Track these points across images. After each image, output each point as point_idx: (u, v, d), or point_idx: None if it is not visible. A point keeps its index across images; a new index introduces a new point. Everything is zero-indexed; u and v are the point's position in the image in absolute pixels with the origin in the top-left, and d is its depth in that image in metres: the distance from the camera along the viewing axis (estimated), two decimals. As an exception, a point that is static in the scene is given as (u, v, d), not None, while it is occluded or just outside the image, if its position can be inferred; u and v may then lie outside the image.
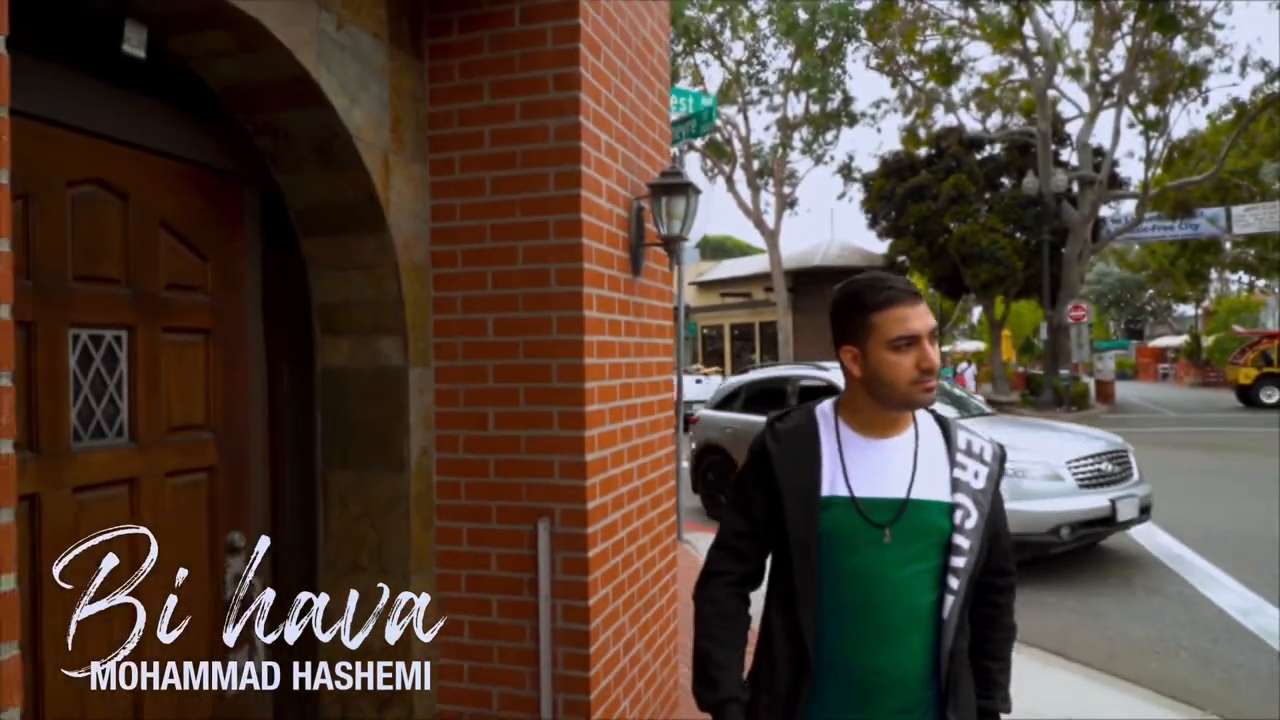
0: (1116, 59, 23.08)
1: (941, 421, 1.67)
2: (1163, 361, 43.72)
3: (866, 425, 1.61)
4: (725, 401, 10.15)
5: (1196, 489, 10.27)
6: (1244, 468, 11.91)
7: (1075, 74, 23.61)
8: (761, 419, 1.93)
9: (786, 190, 25.50)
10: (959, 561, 1.55)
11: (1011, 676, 1.73)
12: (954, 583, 1.55)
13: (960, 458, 1.61)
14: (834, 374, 7.98)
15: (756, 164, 25.08)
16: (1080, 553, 7.05)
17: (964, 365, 26.33)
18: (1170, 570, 6.69)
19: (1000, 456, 1.65)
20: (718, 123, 20.64)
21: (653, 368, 3.27)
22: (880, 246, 28.11)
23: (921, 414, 1.66)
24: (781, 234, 24.95)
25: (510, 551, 2.63)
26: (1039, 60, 22.56)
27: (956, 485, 1.58)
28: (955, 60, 23.96)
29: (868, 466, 1.58)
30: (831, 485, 1.57)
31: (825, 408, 1.67)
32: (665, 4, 3.57)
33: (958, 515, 1.56)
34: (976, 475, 1.60)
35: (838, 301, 1.61)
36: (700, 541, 7.23)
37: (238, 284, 2.43)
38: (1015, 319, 37.77)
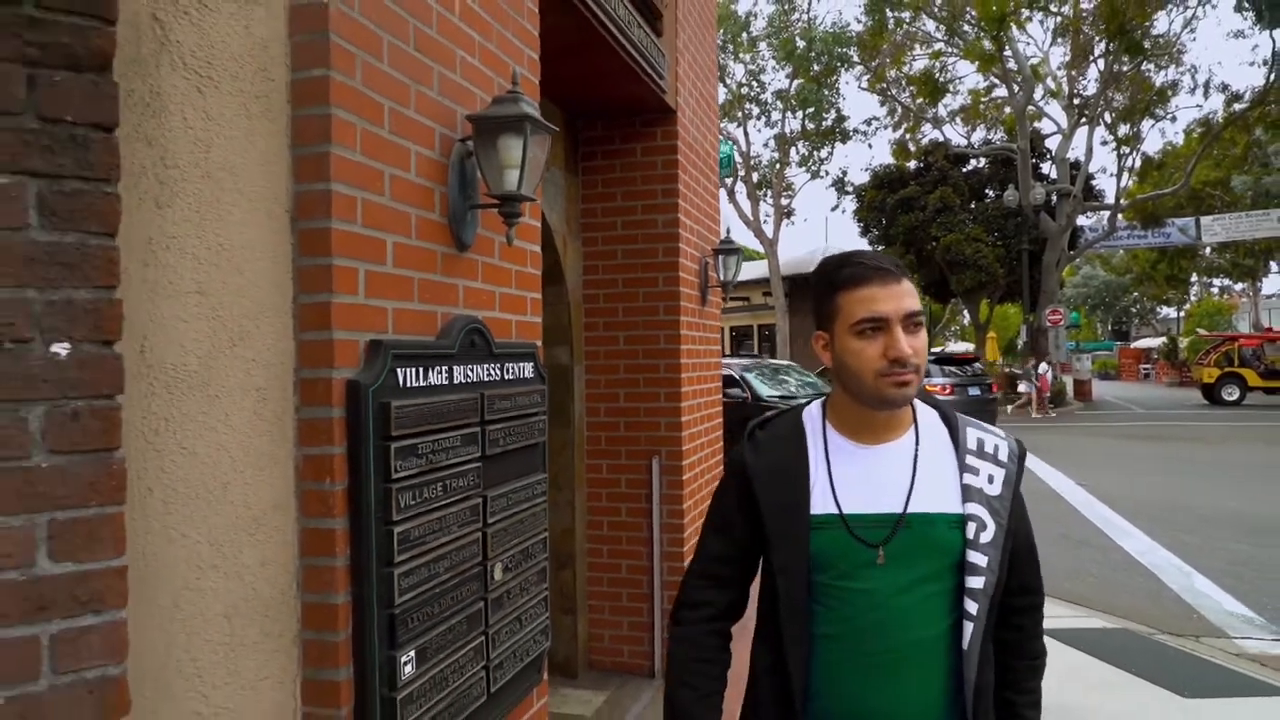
0: (1091, 82, 24.90)
1: (947, 418, 1.47)
2: (1144, 362, 45.57)
3: (854, 428, 1.42)
4: None
5: (1137, 471, 12.01)
6: (1185, 454, 13.69)
7: (1054, 94, 25.40)
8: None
9: (784, 201, 27.22)
10: (976, 582, 1.35)
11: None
12: (972, 607, 1.35)
13: (970, 460, 1.41)
14: None
15: (755, 176, 26.78)
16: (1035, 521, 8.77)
17: (1044, 366, 23.17)
18: (1098, 528, 8.40)
19: (1019, 455, 1.45)
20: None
21: (711, 365, 4.95)
22: (872, 253, 29.81)
23: (924, 411, 1.46)
24: (779, 242, 26.63)
25: (633, 476, 4.31)
26: (1019, 80, 24.34)
27: (968, 493, 1.38)
28: (941, 79, 25.72)
29: (858, 478, 1.39)
30: (822, 502, 1.38)
31: (813, 409, 1.50)
32: (716, 122, 5.25)
33: (971, 528, 1.36)
34: (991, 480, 1.40)
35: (813, 282, 1.47)
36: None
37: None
38: (1002, 320, 39.60)
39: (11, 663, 1.15)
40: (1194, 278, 45.86)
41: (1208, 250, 37.34)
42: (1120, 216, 26.35)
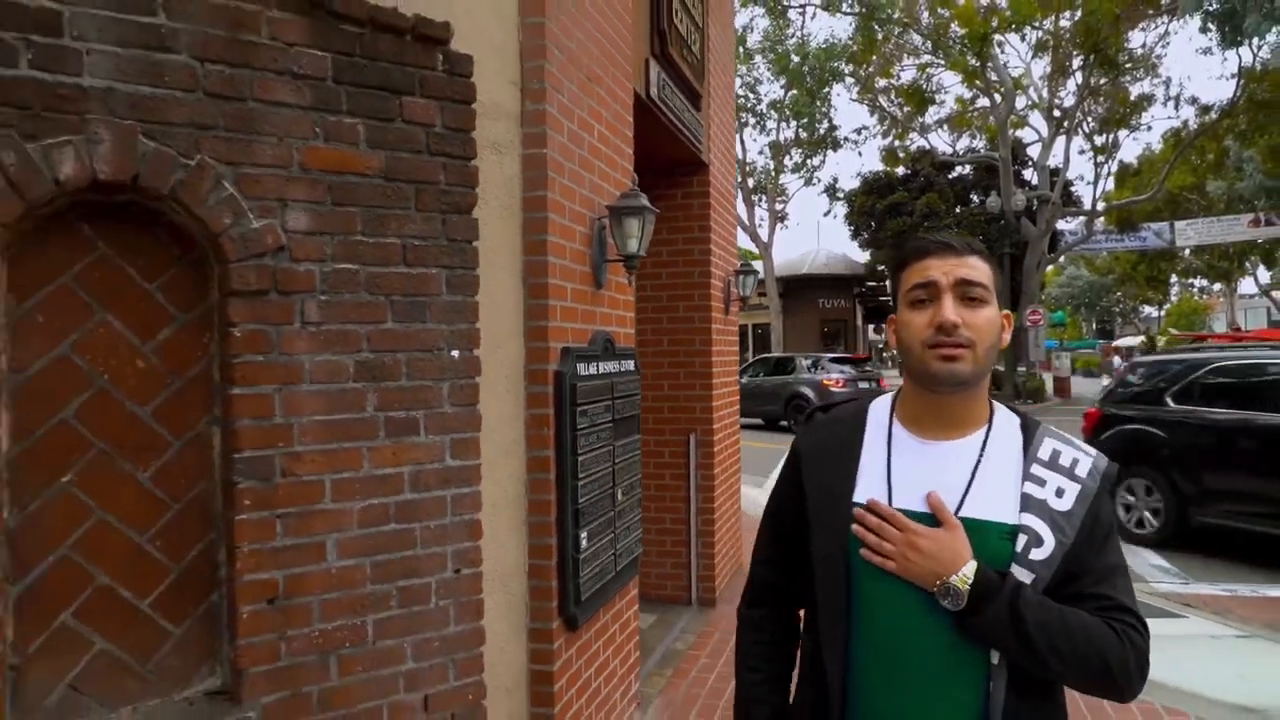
0: (1070, 94, 26.19)
1: (1026, 425, 1.34)
2: (1126, 360, 46.83)
3: (918, 421, 1.34)
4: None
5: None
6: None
7: (1035, 105, 26.72)
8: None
9: (778, 206, 28.46)
10: None
11: (1046, 634, 1.19)
12: None
13: (1037, 469, 1.28)
14: None
15: (751, 182, 28.01)
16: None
17: (1118, 361, 20.70)
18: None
19: (1108, 475, 1.30)
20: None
21: (731, 363, 6.16)
22: (862, 256, 31.23)
23: (1003, 414, 1.35)
24: (773, 245, 27.89)
25: (675, 449, 5.52)
26: (1001, 91, 25.65)
27: (1026, 503, 1.25)
28: (928, 90, 27.01)
29: (917, 473, 1.30)
30: (870, 491, 1.31)
31: (883, 400, 1.43)
32: (734, 167, 6.46)
33: (1021, 541, 1.23)
34: (1060, 493, 1.26)
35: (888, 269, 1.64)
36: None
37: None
38: (987, 320, 40.75)
39: (436, 509, 2.35)
40: (1173, 279, 47.43)
41: (1186, 252, 38.78)
42: (1100, 220, 27.69)
